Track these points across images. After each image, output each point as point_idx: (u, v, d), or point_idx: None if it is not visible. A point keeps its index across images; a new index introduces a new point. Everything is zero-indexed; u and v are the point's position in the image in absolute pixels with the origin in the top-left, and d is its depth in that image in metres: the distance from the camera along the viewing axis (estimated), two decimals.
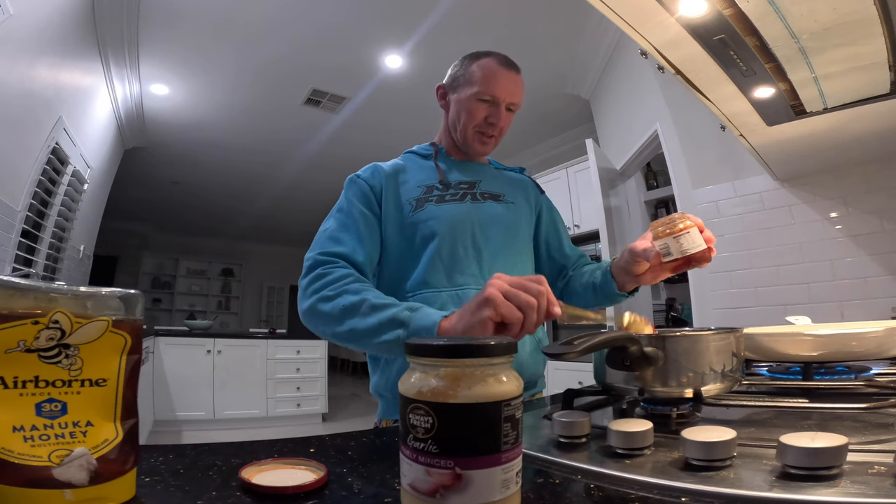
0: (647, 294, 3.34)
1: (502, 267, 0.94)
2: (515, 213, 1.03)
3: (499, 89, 0.95)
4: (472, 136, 0.99)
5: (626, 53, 3.08)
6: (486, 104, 0.96)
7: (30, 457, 0.31)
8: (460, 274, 0.90)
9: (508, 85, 0.96)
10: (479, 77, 0.96)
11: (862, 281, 2.01)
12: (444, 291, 0.89)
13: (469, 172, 1.03)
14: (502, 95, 0.96)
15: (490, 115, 0.96)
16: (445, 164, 1.03)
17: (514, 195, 1.05)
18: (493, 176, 1.06)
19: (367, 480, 0.43)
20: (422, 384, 0.33)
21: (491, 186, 1.03)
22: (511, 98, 0.97)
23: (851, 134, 1.56)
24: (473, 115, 0.97)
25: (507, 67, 0.97)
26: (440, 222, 0.92)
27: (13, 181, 2.32)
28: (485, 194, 1.00)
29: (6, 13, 1.90)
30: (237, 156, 5.29)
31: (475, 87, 0.96)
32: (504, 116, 0.97)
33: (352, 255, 0.86)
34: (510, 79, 0.97)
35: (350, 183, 0.98)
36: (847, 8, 0.87)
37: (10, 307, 0.32)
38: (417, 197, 0.96)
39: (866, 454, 0.41)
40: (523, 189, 1.09)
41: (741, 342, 0.63)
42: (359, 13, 3.08)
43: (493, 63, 0.97)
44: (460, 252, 0.92)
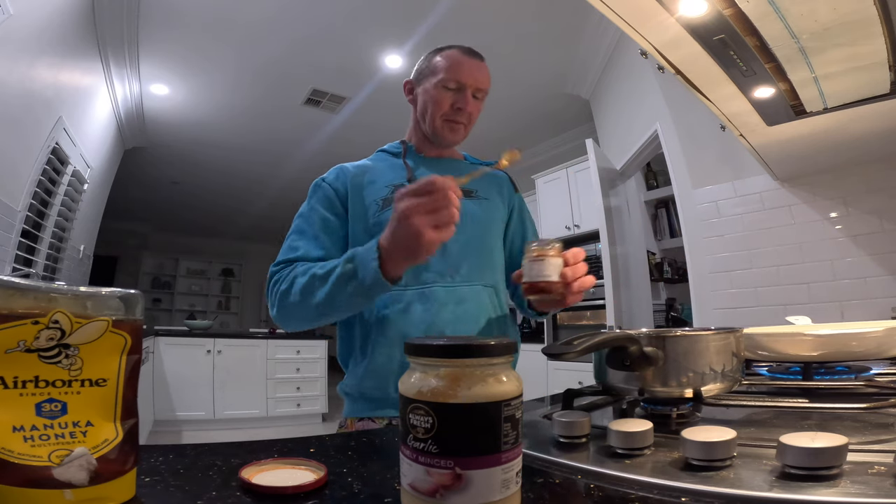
0: (647, 294, 3.34)
1: (471, 265, 0.93)
2: (487, 209, 1.01)
3: (463, 75, 0.95)
4: (440, 125, 0.98)
5: (626, 53, 3.08)
6: (452, 92, 0.95)
7: (30, 457, 0.31)
8: (426, 272, 0.90)
9: (473, 71, 0.96)
10: (444, 66, 0.96)
11: (862, 281, 2.01)
12: (410, 290, 0.89)
13: (440, 169, 1.00)
14: (467, 81, 0.95)
15: (456, 101, 0.95)
16: (414, 162, 1.01)
17: (488, 191, 1.03)
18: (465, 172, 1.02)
19: (367, 480, 0.43)
20: (422, 384, 0.33)
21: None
22: (477, 84, 0.97)
23: (851, 134, 1.56)
24: (440, 103, 0.96)
25: (470, 56, 0.98)
26: None
27: (13, 181, 2.32)
28: None
29: (6, 13, 1.90)
30: (237, 156, 5.29)
31: (440, 76, 0.96)
32: (471, 102, 0.96)
33: (306, 255, 0.88)
34: (474, 65, 0.97)
35: (314, 188, 0.99)
36: (847, 8, 0.87)
37: (10, 307, 0.32)
38: (384, 197, 0.95)
39: (866, 454, 0.41)
40: (497, 185, 1.07)
41: (741, 342, 0.63)
42: (359, 13, 3.08)
43: (457, 52, 0.98)
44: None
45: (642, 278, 3.35)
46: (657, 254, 3.84)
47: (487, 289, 0.95)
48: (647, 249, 3.56)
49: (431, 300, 0.89)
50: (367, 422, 0.88)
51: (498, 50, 3.40)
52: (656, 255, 3.82)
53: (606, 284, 2.88)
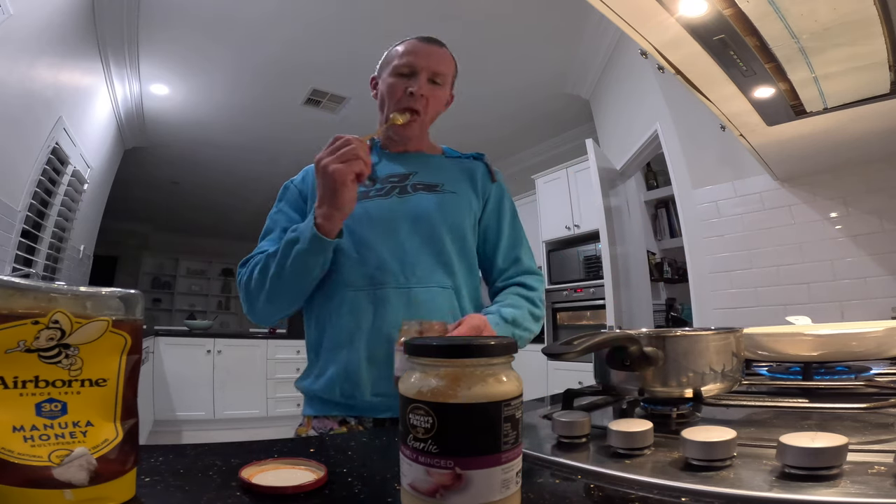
0: (647, 294, 3.34)
1: (428, 265, 0.90)
2: (452, 203, 0.95)
3: (416, 59, 0.92)
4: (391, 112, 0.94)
5: (626, 53, 3.08)
6: (405, 78, 0.93)
7: (30, 457, 0.31)
8: (380, 272, 0.88)
9: (427, 55, 0.93)
10: (398, 53, 0.95)
11: (862, 281, 2.00)
12: (362, 291, 0.88)
13: (405, 164, 0.98)
14: (420, 63, 0.92)
15: (409, 85, 0.92)
16: (377, 158, 0.99)
17: (456, 183, 0.98)
18: (436, 166, 1.00)
19: (367, 480, 0.43)
20: (422, 384, 0.33)
21: (428, 177, 0.97)
22: (432, 66, 0.93)
23: (851, 134, 1.56)
24: (394, 90, 0.93)
25: (424, 41, 0.95)
26: (359, 221, 0.90)
27: (13, 181, 2.31)
28: (418, 185, 0.95)
29: (6, 13, 1.90)
30: (237, 155, 5.28)
31: (394, 62, 0.94)
32: (426, 86, 0.92)
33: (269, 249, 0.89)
34: (429, 50, 0.94)
35: (283, 190, 1.01)
36: (847, 8, 0.87)
37: (10, 307, 0.32)
38: None
39: (866, 454, 0.41)
40: (470, 175, 1.01)
41: (741, 342, 0.63)
42: (359, 13, 3.07)
43: (412, 40, 0.96)
44: (380, 250, 0.89)
45: (642, 278, 3.35)
46: (657, 254, 3.84)
47: (445, 291, 0.90)
48: (647, 249, 3.56)
49: (381, 302, 0.87)
50: (322, 420, 0.89)
51: (498, 49, 3.41)
52: (656, 255, 3.82)
53: (606, 284, 2.88)
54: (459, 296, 0.93)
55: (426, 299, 0.88)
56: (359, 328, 0.86)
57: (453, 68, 0.99)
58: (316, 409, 0.90)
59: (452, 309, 0.91)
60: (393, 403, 0.83)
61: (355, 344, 0.85)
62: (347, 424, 0.87)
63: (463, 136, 4.80)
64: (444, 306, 0.89)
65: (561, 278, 3.86)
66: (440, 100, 0.97)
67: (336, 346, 0.88)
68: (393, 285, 0.87)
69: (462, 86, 0.95)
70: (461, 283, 0.93)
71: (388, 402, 0.85)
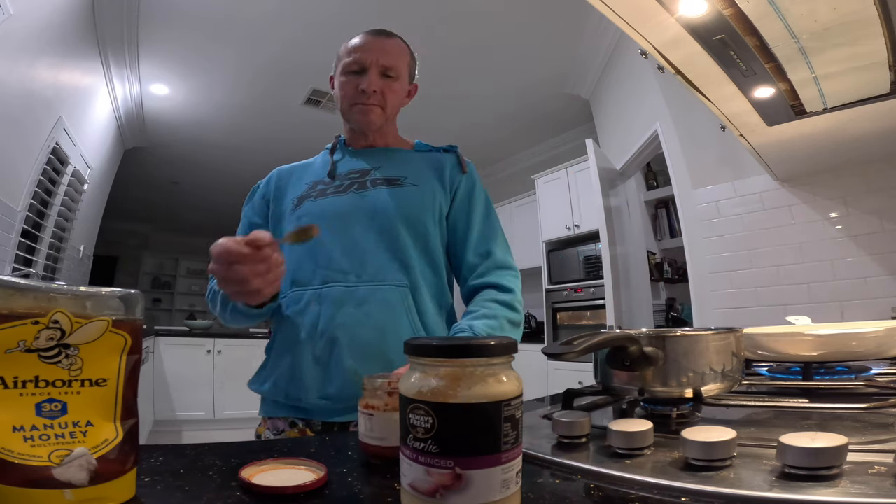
0: (647, 294, 3.34)
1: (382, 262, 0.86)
2: (412, 196, 0.91)
3: (364, 54, 0.90)
4: (348, 109, 0.93)
5: (626, 53, 3.08)
6: (356, 75, 0.91)
7: (30, 457, 0.31)
8: (328, 270, 0.86)
9: (374, 49, 0.91)
10: (346, 51, 0.93)
11: (862, 281, 2.00)
12: (309, 290, 0.86)
13: (368, 159, 0.95)
14: (369, 59, 0.90)
15: (360, 82, 0.90)
16: (341, 155, 0.98)
17: (420, 176, 0.94)
18: (401, 160, 0.96)
19: (367, 480, 0.43)
20: (422, 384, 0.33)
21: (391, 171, 0.93)
22: (382, 61, 0.90)
23: (851, 134, 1.56)
24: (346, 88, 0.91)
25: (373, 35, 0.93)
26: (313, 219, 0.88)
27: (13, 181, 2.31)
28: (378, 181, 0.92)
29: (6, 13, 1.90)
30: (237, 155, 5.28)
31: (344, 61, 0.92)
32: (377, 80, 0.90)
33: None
34: (377, 43, 0.91)
35: (250, 193, 1.01)
36: (847, 8, 0.87)
37: (10, 307, 0.32)
38: (300, 195, 0.93)
39: (866, 454, 0.41)
40: (437, 168, 0.96)
41: (741, 342, 0.63)
42: (359, 13, 3.07)
43: (361, 35, 0.93)
44: (330, 247, 0.86)
45: (642, 278, 3.35)
46: (657, 254, 3.84)
47: (400, 289, 0.85)
48: (647, 249, 3.56)
49: (328, 301, 0.84)
50: (274, 420, 0.88)
51: (498, 50, 3.40)
52: (656, 255, 3.82)
53: (606, 284, 2.88)
54: (417, 294, 0.87)
55: (378, 298, 0.84)
56: (304, 328, 0.84)
57: (408, 59, 0.96)
58: (268, 411, 0.89)
59: (408, 308, 0.85)
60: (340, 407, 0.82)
61: (301, 345, 0.84)
62: (297, 427, 0.85)
63: (463, 137, 4.80)
64: (397, 305, 0.84)
65: (561, 278, 3.86)
66: (397, 92, 0.94)
67: (283, 346, 0.87)
68: (342, 283, 0.84)
69: (462, 86, 0.95)
70: (419, 281, 0.88)
71: (334, 406, 0.81)
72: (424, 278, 0.89)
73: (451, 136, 4.85)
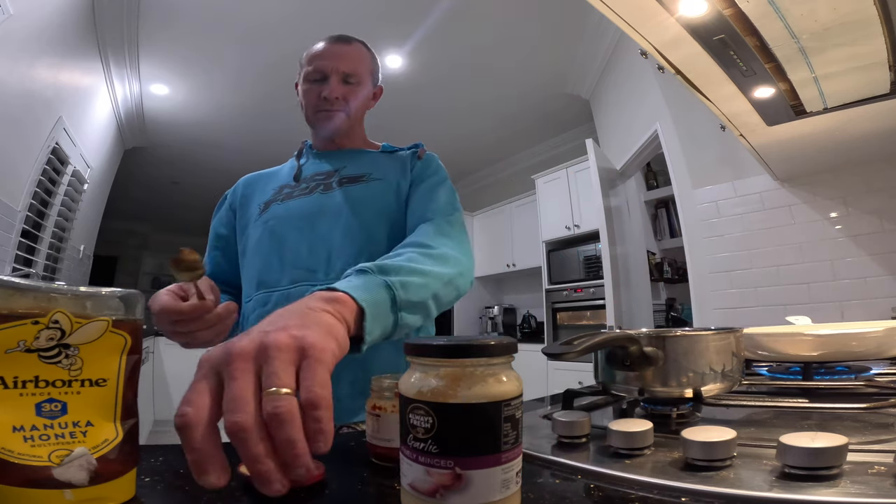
0: (647, 294, 3.34)
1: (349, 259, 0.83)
2: (379, 190, 0.91)
3: (323, 62, 0.91)
4: (313, 117, 0.94)
5: (626, 53, 3.08)
6: (317, 83, 0.92)
7: (30, 457, 0.31)
8: (297, 270, 0.85)
9: (333, 56, 0.91)
10: (307, 59, 0.93)
11: (862, 281, 2.00)
12: (277, 291, 0.85)
13: (333, 161, 0.96)
14: (329, 66, 0.91)
15: (322, 90, 0.91)
16: (308, 158, 0.99)
17: (385, 171, 0.94)
18: (366, 160, 0.97)
19: (367, 480, 0.43)
20: (422, 384, 0.33)
21: (355, 169, 0.94)
22: (342, 67, 0.91)
23: (851, 134, 1.56)
24: (309, 96, 0.93)
25: (332, 42, 0.93)
26: (280, 221, 0.89)
27: (13, 181, 2.31)
28: (343, 180, 0.92)
29: (6, 13, 1.90)
30: (237, 156, 5.28)
31: (304, 69, 0.93)
32: (338, 87, 0.91)
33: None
34: (335, 50, 0.92)
35: (219, 204, 1.01)
36: (847, 8, 0.87)
37: (10, 307, 0.32)
38: (266, 200, 0.93)
39: (866, 454, 0.41)
40: (400, 162, 0.96)
41: (741, 342, 0.63)
42: (359, 13, 3.07)
43: (320, 43, 0.94)
44: (297, 247, 0.86)
45: (642, 278, 3.35)
46: (657, 254, 3.84)
47: None
48: (647, 249, 3.56)
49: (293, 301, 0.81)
50: None
51: (498, 50, 3.40)
52: (656, 255, 3.82)
53: (606, 284, 2.88)
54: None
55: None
56: None
57: (369, 63, 0.97)
58: None
59: None
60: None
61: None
62: None
63: (463, 137, 4.80)
64: None
65: (561, 278, 3.86)
66: (359, 97, 0.95)
67: None
68: (307, 282, 0.83)
69: (462, 87, 0.94)
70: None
71: None
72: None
73: (452, 136, 4.86)
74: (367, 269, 0.59)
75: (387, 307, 0.56)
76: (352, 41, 0.95)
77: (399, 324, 0.58)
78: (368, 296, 0.52)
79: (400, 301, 0.58)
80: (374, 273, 0.59)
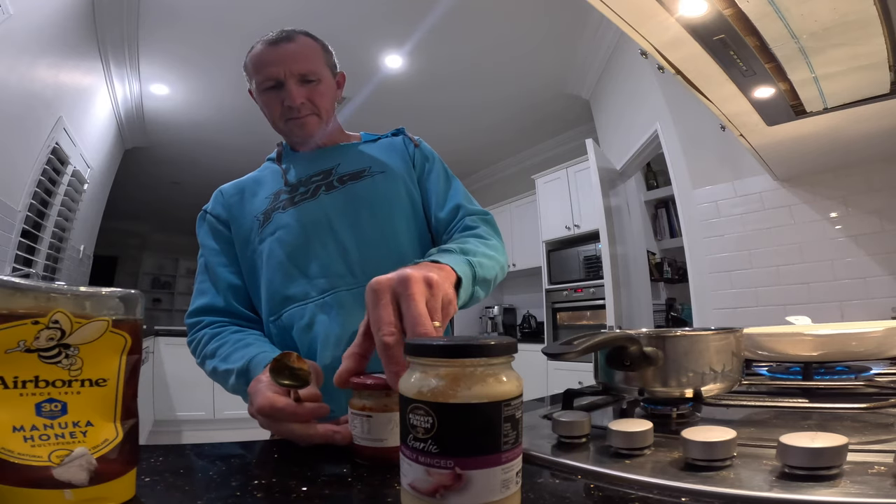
0: (647, 294, 3.34)
1: (377, 258, 0.82)
2: (384, 183, 0.89)
3: (272, 69, 0.84)
4: (284, 127, 0.89)
5: (626, 53, 3.08)
6: (275, 91, 0.85)
7: (30, 457, 0.31)
8: (324, 278, 0.81)
9: (281, 59, 0.84)
10: (252, 69, 0.87)
11: (862, 281, 2.01)
12: (311, 302, 0.80)
13: (323, 160, 0.91)
14: (279, 72, 0.83)
15: (283, 98, 0.85)
16: (290, 163, 0.93)
17: (383, 162, 0.91)
18: (356, 153, 0.93)
19: (367, 480, 0.43)
20: (422, 384, 0.33)
21: (352, 165, 0.90)
22: (293, 69, 0.84)
23: (851, 134, 1.56)
24: (270, 107, 0.87)
25: (272, 44, 0.85)
26: (289, 230, 0.84)
27: (13, 181, 2.31)
28: (343, 177, 0.89)
29: (6, 13, 1.90)
30: (238, 156, 5.26)
31: (255, 79, 0.86)
32: (298, 91, 0.84)
33: (212, 304, 0.85)
34: (280, 52, 0.84)
35: (200, 221, 0.93)
36: (847, 8, 0.87)
37: (10, 307, 0.32)
38: (264, 209, 0.87)
39: (866, 454, 0.41)
40: (397, 151, 0.95)
41: (741, 342, 0.63)
42: (359, 13, 3.08)
43: (259, 47, 0.86)
44: (320, 254, 0.82)
45: (642, 278, 3.35)
46: (657, 254, 3.84)
47: None
48: (647, 249, 3.57)
49: (335, 308, 0.79)
50: None
51: (498, 50, 3.40)
52: (656, 255, 3.82)
53: (606, 284, 2.88)
54: None
55: None
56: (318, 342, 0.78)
57: (321, 54, 0.89)
58: None
59: None
60: None
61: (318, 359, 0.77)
62: None
63: (463, 138, 4.80)
64: None
65: (561, 278, 3.86)
66: (325, 94, 0.89)
67: None
68: (344, 288, 0.80)
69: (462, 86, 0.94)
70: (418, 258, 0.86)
71: None
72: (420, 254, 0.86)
73: (452, 136, 4.86)
74: (450, 249, 0.69)
75: (470, 280, 0.64)
76: (294, 37, 0.87)
77: (473, 296, 0.68)
78: (460, 268, 0.61)
79: (478, 277, 0.66)
80: (458, 253, 0.67)
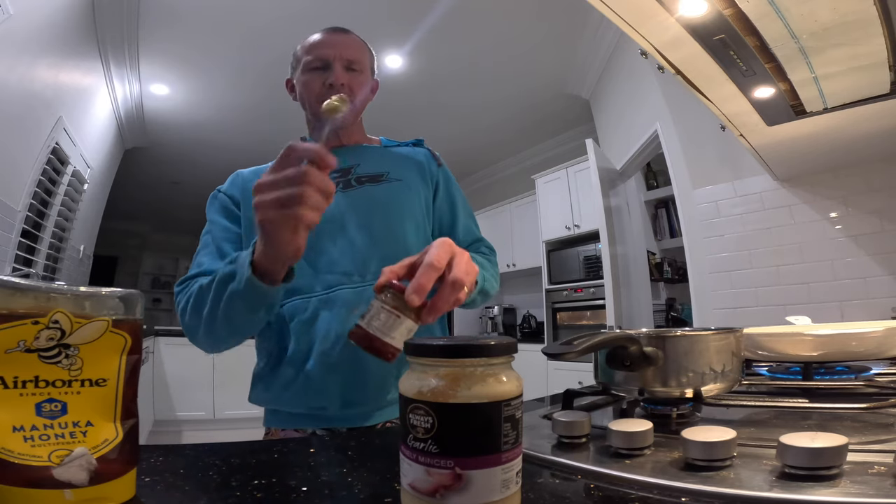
0: (647, 294, 3.34)
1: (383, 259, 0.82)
2: (401, 191, 0.91)
3: (325, 50, 0.89)
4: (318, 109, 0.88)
5: (626, 53, 3.08)
6: (320, 71, 0.89)
7: (30, 457, 0.31)
8: (330, 274, 0.82)
9: (334, 44, 0.90)
10: (304, 49, 0.91)
11: (862, 281, 2.01)
12: (315, 297, 0.82)
13: (344, 157, 0.92)
14: (330, 54, 0.89)
15: (326, 78, 0.88)
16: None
17: (403, 171, 0.94)
18: (378, 155, 0.96)
19: (367, 480, 0.43)
20: (422, 384, 0.33)
21: (371, 168, 0.93)
22: (342, 54, 0.89)
23: (851, 134, 1.56)
24: (311, 86, 0.89)
25: (330, 32, 0.92)
26: None
27: (13, 181, 2.31)
28: (362, 178, 0.91)
29: (6, 13, 1.90)
30: (238, 156, 5.25)
31: (304, 59, 0.91)
32: (343, 75, 0.88)
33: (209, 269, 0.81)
34: (335, 38, 0.91)
35: (211, 199, 0.94)
36: (847, 8, 0.87)
37: (10, 307, 0.32)
38: None
39: (866, 454, 0.41)
40: (416, 162, 0.98)
41: (741, 342, 0.63)
42: (359, 13, 3.08)
43: (317, 33, 0.92)
44: (329, 250, 0.84)
45: (642, 278, 3.35)
46: (657, 254, 3.84)
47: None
48: (647, 249, 3.57)
49: (338, 305, 0.80)
50: (289, 431, 0.83)
51: (498, 50, 3.40)
52: (656, 255, 3.82)
53: (606, 284, 2.88)
54: None
55: None
56: (317, 337, 0.80)
57: (368, 54, 0.95)
58: (282, 422, 0.84)
59: None
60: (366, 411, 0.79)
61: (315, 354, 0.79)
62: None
63: (464, 138, 4.80)
64: None
65: (561, 278, 3.86)
66: (363, 86, 0.92)
67: (296, 357, 0.81)
68: (347, 285, 0.82)
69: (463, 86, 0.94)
70: None
71: (360, 412, 0.80)
72: None
73: (452, 136, 4.86)
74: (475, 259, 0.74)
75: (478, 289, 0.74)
76: (350, 32, 0.94)
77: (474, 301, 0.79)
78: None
79: (480, 287, 0.76)
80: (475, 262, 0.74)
